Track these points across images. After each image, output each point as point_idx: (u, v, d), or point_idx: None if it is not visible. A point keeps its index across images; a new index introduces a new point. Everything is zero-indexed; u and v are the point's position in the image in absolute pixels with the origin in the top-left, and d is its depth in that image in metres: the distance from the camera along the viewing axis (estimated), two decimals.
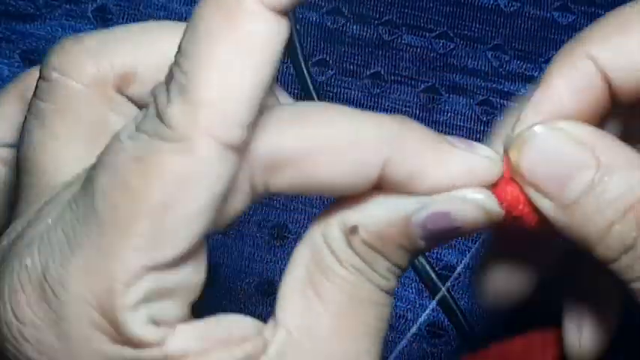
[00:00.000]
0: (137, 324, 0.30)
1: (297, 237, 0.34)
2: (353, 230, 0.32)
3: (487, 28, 0.56)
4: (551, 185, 0.33)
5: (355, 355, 0.32)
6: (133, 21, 0.56)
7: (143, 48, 0.36)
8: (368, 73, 0.55)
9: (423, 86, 0.55)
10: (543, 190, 0.33)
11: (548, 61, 0.56)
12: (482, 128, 0.55)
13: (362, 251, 0.32)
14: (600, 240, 0.32)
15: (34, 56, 0.55)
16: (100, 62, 0.35)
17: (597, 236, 0.32)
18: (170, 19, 0.56)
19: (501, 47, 0.56)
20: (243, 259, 0.53)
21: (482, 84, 0.55)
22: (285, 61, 0.55)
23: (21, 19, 0.56)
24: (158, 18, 0.56)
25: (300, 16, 0.56)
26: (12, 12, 0.56)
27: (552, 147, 0.33)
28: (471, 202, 0.32)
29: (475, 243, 0.37)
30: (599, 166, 0.32)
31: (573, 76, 0.35)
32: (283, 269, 0.33)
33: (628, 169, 0.32)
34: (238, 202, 0.31)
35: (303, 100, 0.55)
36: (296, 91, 0.55)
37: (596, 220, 0.32)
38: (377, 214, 0.32)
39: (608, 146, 0.33)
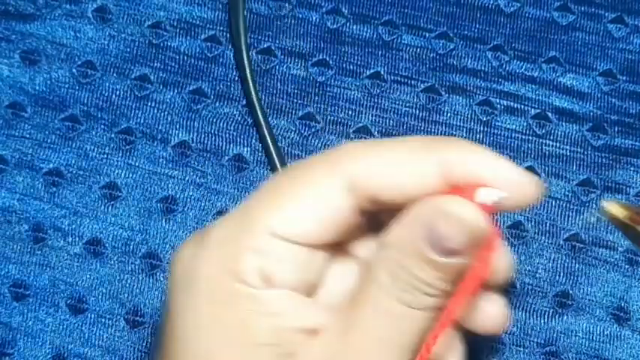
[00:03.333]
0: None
1: None
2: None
3: (487, 28, 0.56)
4: None
5: None
6: (133, 21, 0.56)
7: None
8: (368, 73, 0.55)
9: (422, 86, 0.55)
10: None
11: (548, 61, 0.56)
12: (482, 128, 0.55)
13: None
14: None
15: (34, 56, 0.55)
16: None
17: None
18: (170, 19, 0.56)
19: (501, 47, 0.56)
20: None
21: (482, 84, 0.55)
22: (228, 46, 0.55)
23: (21, 19, 0.56)
24: (158, 18, 0.56)
25: (300, 15, 0.56)
26: (12, 12, 0.56)
27: None
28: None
29: None
30: None
31: None
32: None
33: None
34: None
35: (251, 100, 0.55)
36: (237, 78, 0.55)
37: None
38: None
39: None
